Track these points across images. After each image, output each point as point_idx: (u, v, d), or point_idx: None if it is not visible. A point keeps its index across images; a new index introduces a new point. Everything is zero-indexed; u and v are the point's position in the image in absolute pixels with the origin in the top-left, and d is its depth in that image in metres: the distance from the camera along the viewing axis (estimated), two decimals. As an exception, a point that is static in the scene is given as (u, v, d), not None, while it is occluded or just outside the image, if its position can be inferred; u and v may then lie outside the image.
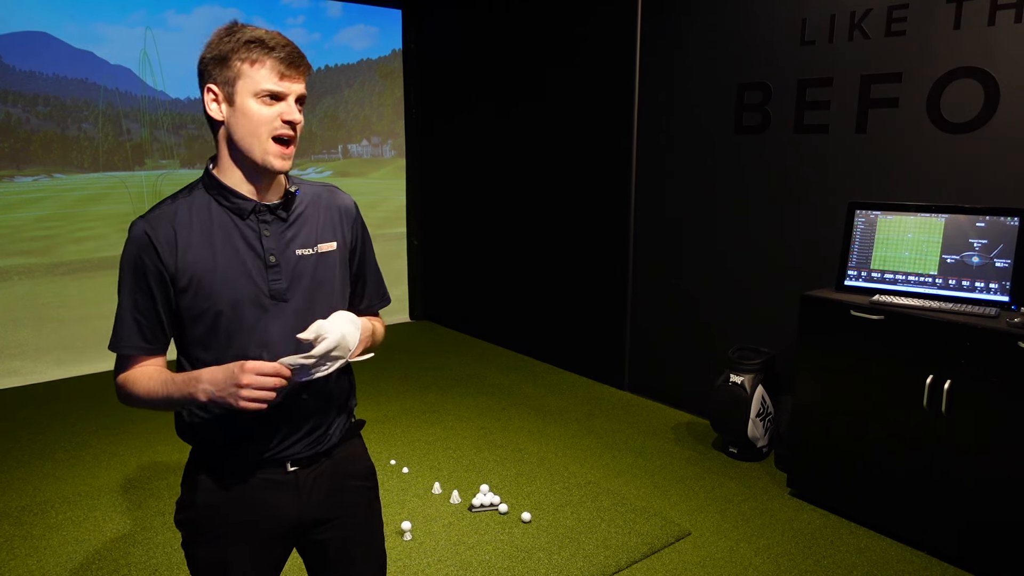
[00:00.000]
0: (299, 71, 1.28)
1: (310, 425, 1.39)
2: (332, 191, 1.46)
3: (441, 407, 4.25)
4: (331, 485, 1.44)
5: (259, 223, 1.32)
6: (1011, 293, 2.67)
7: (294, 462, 1.38)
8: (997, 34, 2.78)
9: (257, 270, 1.31)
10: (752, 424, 3.42)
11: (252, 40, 1.25)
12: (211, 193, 1.31)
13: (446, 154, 5.92)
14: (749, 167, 3.68)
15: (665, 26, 3.99)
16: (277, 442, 1.36)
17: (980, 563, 2.58)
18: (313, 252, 1.37)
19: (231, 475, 1.36)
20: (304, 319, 1.33)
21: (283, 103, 1.27)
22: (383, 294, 1.58)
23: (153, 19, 4.82)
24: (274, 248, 1.32)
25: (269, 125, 1.26)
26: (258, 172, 1.31)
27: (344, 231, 1.44)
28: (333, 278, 1.41)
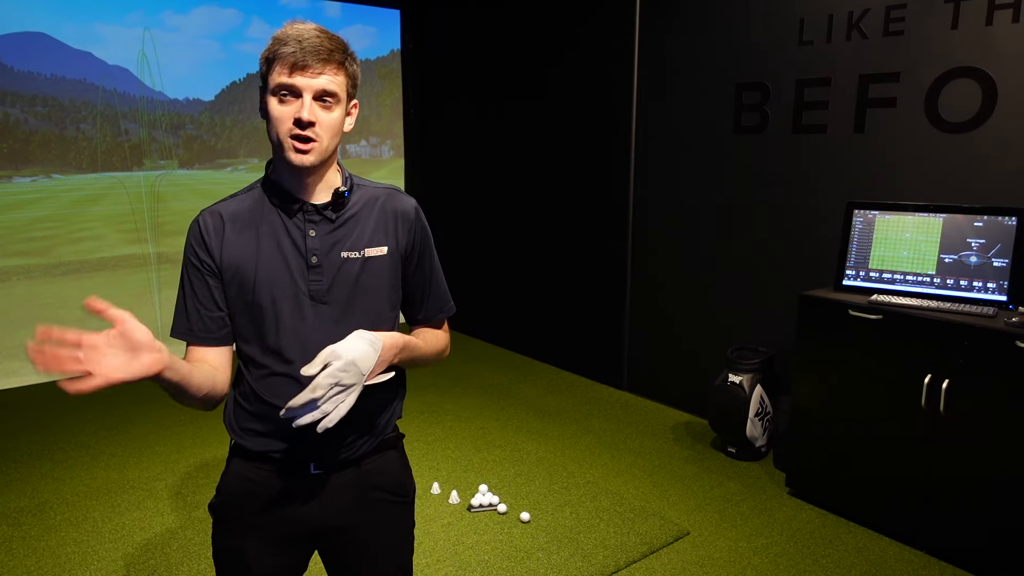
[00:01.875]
0: (316, 65, 1.22)
1: (351, 431, 1.35)
2: (392, 194, 1.40)
3: (440, 407, 4.25)
4: (357, 494, 1.40)
5: (306, 222, 1.30)
6: (1009, 293, 2.68)
7: (318, 465, 1.36)
8: (995, 34, 2.78)
9: (299, 269, 1.29)
10: (751, 424, 3.42)
11: (277, 37, 1.25)
12: (264, 190, 1.33)
13: (445, 154, 5.92)
14: (748, 167, 3.68)
15: (663, 26, 4.00)
16: (303, 444, 1.34)
17: (979, 562, 2.59)
18: (360, 256, 1.33)
19: (258, 470, 1.36)
20: (344, 322, 1.31)
21: (299, 101, 1.23)
22: (444, 304, 1.50)
23: (151, 19, 4.82)
24: (317, 249, 1.30)
25: (285, 124, 1.23)
26: (293, 169, 1.28)
27: (399, 236, 1.38)
28: (380, 284, 1.36)
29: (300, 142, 1.23)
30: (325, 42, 1.24)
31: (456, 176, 5.82)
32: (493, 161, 5.38)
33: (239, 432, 1.37)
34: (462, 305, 6.23)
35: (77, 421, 4.00)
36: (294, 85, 1.22)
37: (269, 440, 1.34)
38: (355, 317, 1.32)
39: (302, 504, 1.37)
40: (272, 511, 1.36)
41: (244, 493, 1.37)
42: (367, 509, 1.42)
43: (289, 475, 1.36)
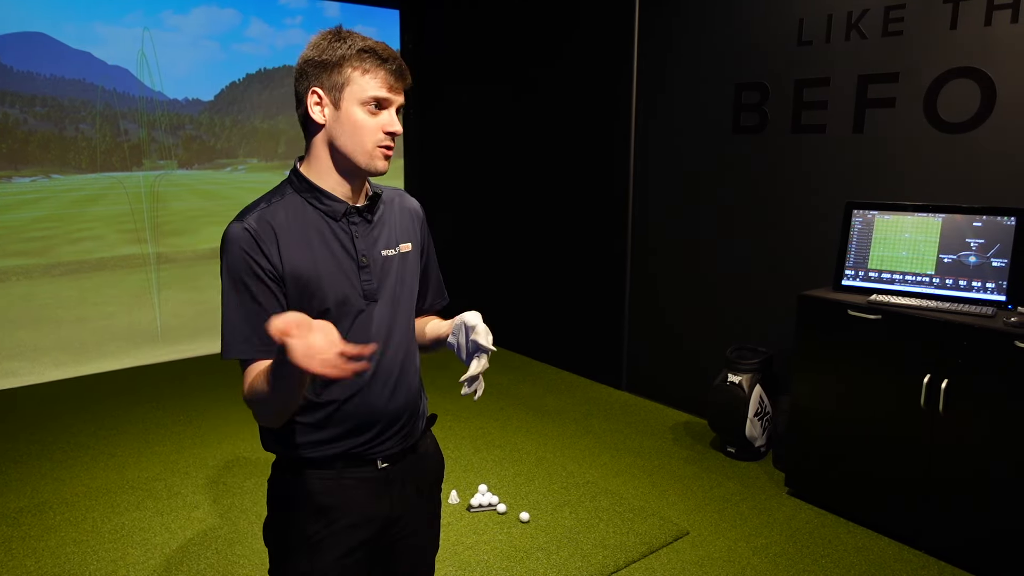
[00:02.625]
0: (405, 83, 1.32)
1: (402, 421, 1.41)
2: (402, 194, 1.51)
3: (439, 407, 4.25)
4: (416, 481, 1.47)
5: (350, 225, 1.35)
6: (1008, 292, 2.68)
7: (384, 459, 1.39)
8: (993, 34, 2.79)
9: (351, 270, 1.34)
10: (750, 424, 3.43)
11: (366, 50, 1.28)
12: (304, 195, 1.33)
13: (444, 154, 5.92)
14: (747, 167, 3.68)
15: (662, 26, 4.00)
16: (370, 439, 1.37)
17: (978, 562, 2.59)
18: (396, 252, 1.41)
19: (323, 480, 1.35)
20: (391, 318, 1.39)
21: (386, 112, 1.30)
22: (442, 294, 1.65)
23: (151, 19, 4.82)
24: (364, 249, 1.36)
25: (374, 135, 1.29)
26: (358, 175, 1.34)
27: (417, 232, 1.50)
28: (414, 278, 1.47)
29: (387, 150, 1.31)
30: (403, 61, 1.34)
31: (455, 176, 5.83)
32: (492, 161, 5.38)
33: (299, 447, 1.35)
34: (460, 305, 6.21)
35: (76, 421, 4.00)
36: (389, 99, 1.30)
37: (336, 444, 1.35)
38: (401, 311, 1.41)
39: (373, 501, 1.39)
40: (347, 519, 1.36)
41: (313, 512, 1.35)
42: (423, 494, 1.49)
43: (359, 476, 1.37)
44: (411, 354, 1.46)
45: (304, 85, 1.31)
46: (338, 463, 1.36)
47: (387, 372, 1.38)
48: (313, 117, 1.30)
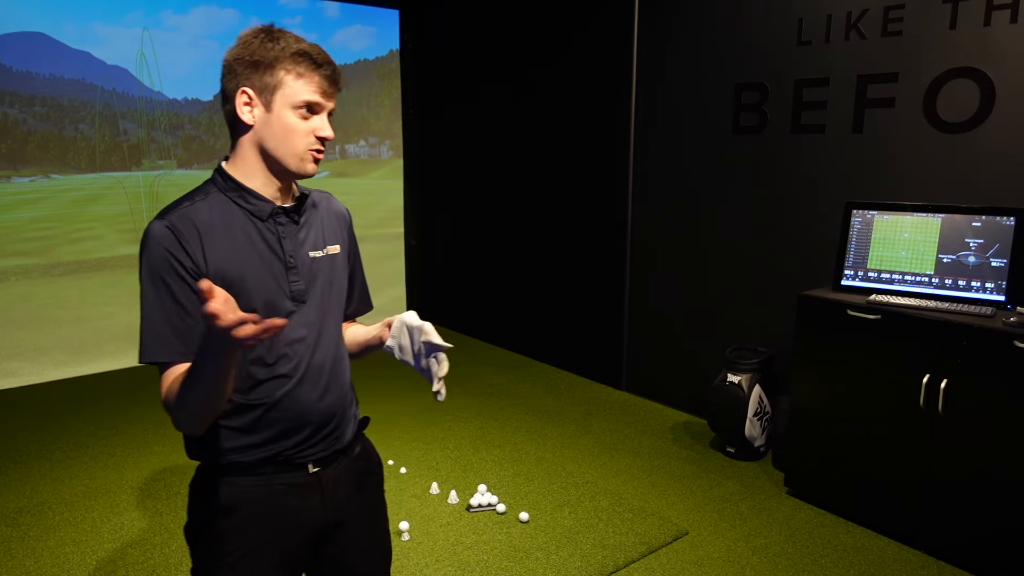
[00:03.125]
0: (338, 89, 1.32)
1: (332, 424, 1.40)
2: (329, 197, 1.49)
3: (439, 407, 4.25)
4: (350, 482, 1.45)
5: (276, 225, 1.33)
6: (1007, 293, 2.68)
7: (315, 463, 1.37)
8: (993, 34, 2.79)
9: (279, 272, 1.32)
10: (749, 424, 3.43)
11: (301, 53, 1.26)
12: (229, 195, 1.30)
13: (444, 154, 5.92)
14: (747, 167, 3.68)
15: (662, 26, 4.00)
16: (298, 444, 1.35)
17: (977, 562, 2.59)
18: (324, 254, 1.40)
19: (252, 486, 1.32)
20: (320, 319, 1.37)
21: (318, 117, 1.29)
22: (368, 300, 1.62)
23: (150, 19, 4.82)
24: (291, 250, 1.34)
25: (306, 138, 1.28)
26: (286, 177, 1.33)
27: (344, 236, 1.48)
28: (342, 279, 1.45)
29: (318, 154, 1.31)
30: (336, 66, 1.32)
31: (455, 176, 5.83)
32: (492, 161, 5.38)
33: (227, 452, 1.31)
34: (460, 306, 6.21)
35: (76, 421, 4.00)
36: (322, 105, 1.29)
37: (265, 448, 1.32)
38: (330, 313, 1.40)
39: (305, 506, 1.36)
40: (277, 524, 1.34)
41: (242, 518, 1.32)
42: (362, 495, 1.48)
43: (289, 480, 1.35)
44: (340, 356, 1.44)
45: (233, 84, 1.28)
46: (267, 467, 1.32)
47: (317, 374, 1.36)
48: (242, 117, 1.27)
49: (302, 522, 1.37)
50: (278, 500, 1.33)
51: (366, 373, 4.84)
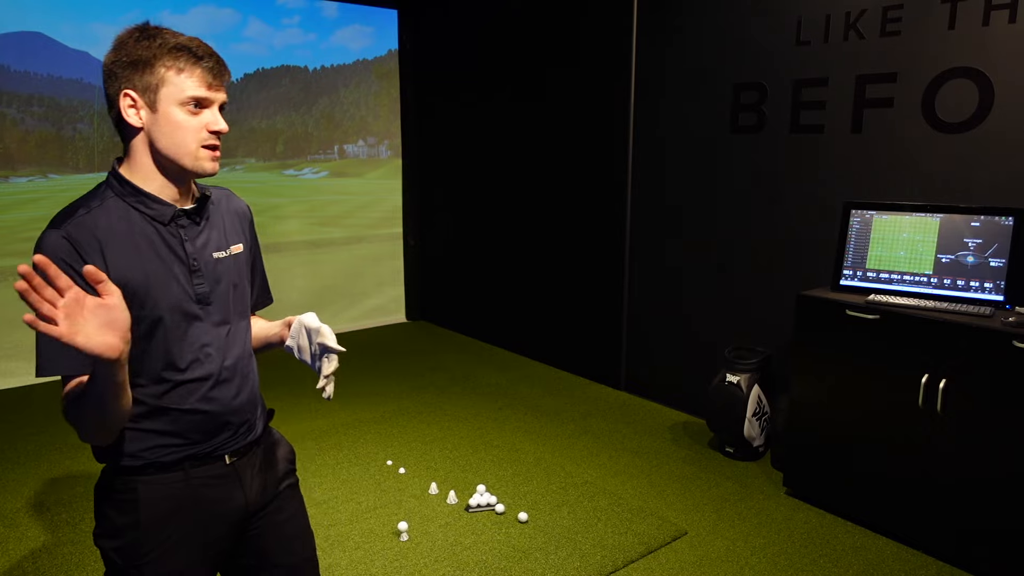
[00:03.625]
0: (224, 80, 1.28)
1: (246, 418, 1.42)
2: (230, 195, 1.48)
3: (438, 407, 4.25)
4: (265, 471, 1.47)
5: (178, 228, 1.31)
6: (1005, 292, 2.68)
7: (231, 454, 1.39)
8: (991, 34, 2.79)
9: (183, 275, 1.30)
10: (748, 423, 3.43)
11: (179, 47, 1.24)
12: (127, 200, 1.27)
13: (442, 154, 5.92)
14: (745, 167, 3.68)
15: (661, 26, 4.00)
16: (216, 439, 1.37)
17: (976, 562, 2.59)
18: (227, 254, 1.39)
19: (170, 482, 1.32)
20: (227, 320, 1.38)
21: (208, 111, 1.26)
22: (268, 294, 1.61)
23: (149, 18, 4.80)
24: (195, 252, 1.32)
25: (197, 134, 1.25)
26: (184, 177, 1.30)
27: (246, 233, 1.48)
28: (246, 279, 1.45)
29: (213, 150, 1.28)
30: (220, 57, 1.30)
31: (454, 177, 5.82)
32: (491, 161, 5.38)
33: (141, 454, 1.30)
34: (459, 306, 6.19)
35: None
36: (210, 98, 1.26)
37: (183, 448, 1.33)
38: (235, 314, 1.40)
39: (226, 496, 1.38)
40: (198, 516, 1.35)
41: (163, 513, 1.32)
42: (278, 484, 1.50)
43: (207, 473, 1.36)
44: (249, 354, 1.46)
45: (115, 87, 1.24)
46: (185, 464, 1.33)
47: (230, 374, 1.37)
48: (128, 120, 1.24)
49: (222, 513, 1.38)
50: (197, 493, 1.34)
51: (365, 373, 4.84)
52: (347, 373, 4.87)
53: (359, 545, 2.77)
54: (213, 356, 1.34)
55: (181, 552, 1.33)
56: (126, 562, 1.31)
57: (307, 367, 1.54)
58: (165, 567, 1.32)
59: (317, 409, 4.19)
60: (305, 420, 4.02)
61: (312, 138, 5.83)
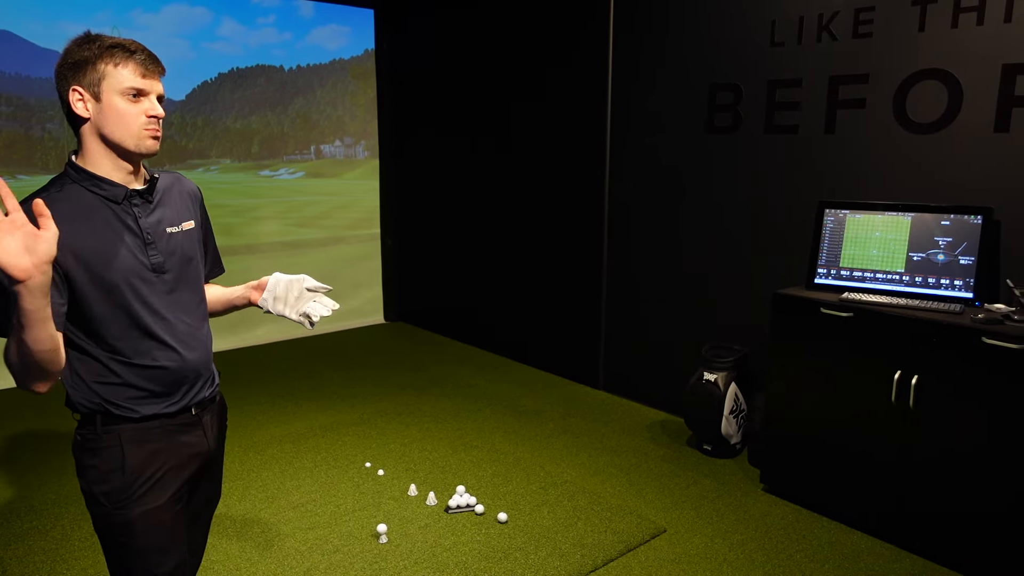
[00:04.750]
0: (157, 71, 1.46)
1: (203, 374, 1.63)
2: (180, 178, 1.67)
3: (417, 409, 4.23)
4: (219, 424, 1.73)
5: (131, 207, 1.49)
6: (975, 290, 2.73)
7: (196, 406, 1.61)
8: (960, 36, 2.84)
9: (138, 248, 1.49)
10: (726, 421, 3.45)
11: (114, 45, 1.42)
12: (83, 184, 1.45)
13: (420, 155, 5.89)
14: (721, 167, 3.71)
15: (637, 27, 4.02)
16: (183, 392, 1.58)
17: (950, 554, 2.64)
18: (179, 230, 1.58)
19: (149, 430, 1.53)
20: (179, 289, 1.57)
21: (146, 100, 1.44)
22: (220, 264, 1.84)
23: (120, 18, 4.74)
24: (148, 227, 1.51)
25: (138, 119, 1.43)
26: (130, 159, 1.47)
27: (196, 212, 1.67)
28: (197, 253, 1.65)
29: (154, 132, 1.46)
30: (152, 52, 1.47)
31: (431, 176, 5.81)
32: (469, 162, 5.37)
33: (122, 406, 1.50)
34: (438, 306, 6.15)
35: (44, 427, 3.92)
36: (145, 88, 1.44)
37: (159, 400, 1.54)
38: (186, 283, 1.59)
39: (195, 442, 1.61)
40: (174, 459, 1.56)
41: (145, 457, 1.52)
42: (223, 434, 1.77)
43: (179, 421, 1.58)
44: (203, 317, 1.67)
45: (64, 86, 1.42)
46: (161, 416, 1.55)
47: (188, 335, 1.58)
48: (78, 112, 1.42)
49: (194, 455, 1.61)
50: (172, 437, 1.56)
51: (342, 375, 4.81)
52: (324, 374, 4.83)
53: (338, 548, 2.75)
54: (170, 320, 1.54)
55: (161, 489, 1.54)
56: (113, 504, 1.50)
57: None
58: (148, 503, 1.52)
59: (295, 412, 4.15)
60: (283, 423, 3.98)
61: (288, 138, 5.78)
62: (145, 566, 1.53)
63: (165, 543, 1.55)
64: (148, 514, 1.52)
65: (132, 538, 1.51)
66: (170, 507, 1.55)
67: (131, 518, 1.50)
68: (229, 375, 4.74)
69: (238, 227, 5.53)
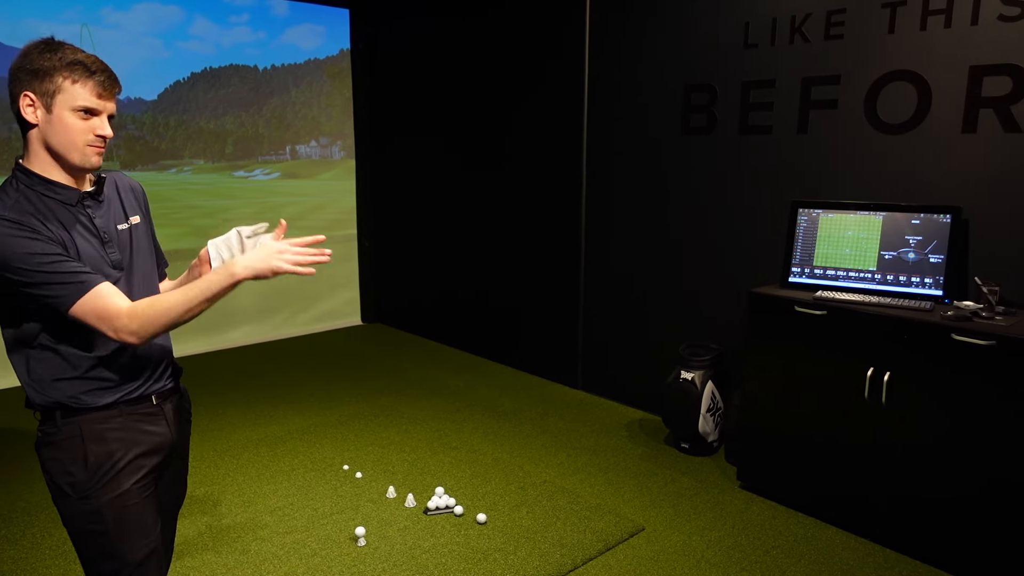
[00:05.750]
0: (113, 92, 1.49)
1: (164, 363, 1.66)
2: (121, 175, 1.72)
3: (395, 410, 4.21)
4: (182, 415, 1.74)
5: (85, 208, 1.53)
6: (944, 287, 2.78)
7: (157, 396, 1.63)
8: (928, 39, 2.89)
9: (98, 246, 1.53)
10: (703, 419, 3.48)
11: (76, 62, 1.43)
12: (36, 189, 1.46)
13: (396, 155, 5.87)
14: (697, 167, 3.74)
15: (614, 29, 4.04)
16: (143, 382, 1.60)
17: (922, 548, 2.68)
18: (129, 225, 1.63)
19: (110, 419, 1.54)
20: (138, 282, 1.61)
21: (97, 119, 1.47)
22: (164, 259, 1.85)
23: (89, 16, 4.66)
24: (104, 226, 1.56)
25: (85, 136, 1.45)
26: (75, 169, 1.50)
27: (141, 206, 1.72)
28: (147, 246, 1.70)
29: (98, 148, 1.49)
30: (113, 73, 1.50)
31: (408, 177, 5.78)
32: (446, 162, 5.36)
33: (81, 399, 1.52)
34: (416, 307, 6.13)
35: (12, 432, 3.84)
36: (98, 108, 1.47)
37: (116, 389, 1.55)
38: (139, 277, 1.63)
39: (157, 431, 1.62)
40: (136, 449, 1.57)
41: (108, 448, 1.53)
42: (186, 426, 1.78)
43: (140, 411, 1.59)
44: None
45: (17, 89, 1.45)
46: (120, 404, 1.56)
47: None
48: (26, 117, 1.44)
49: (159, 444, 1.63)
50: (133, 425, 1.58)
51: (320, 376, 4.77)
52: (301, 376, 4.79)
53: (316, 552, 2.73)
54: None
55: (126, 476, 1.55)
56: (79, 494, 1.52)
57: None
58: (114, 490, 1.53)
59: (271, 415, 4.11)
60: (259, 426, 3.94)
61: (263, 139, 5.72)
62: (118, 553, 1.54)
63: (135, 529, 1.56)
64: (115, 500, 1.53)
65: (102, 524, 1.52)
66: (137, 493, 1.56)
67: (98, 506, 1.52)
68: (204, 378, 4.69)
69: (211, 229, 5.45)
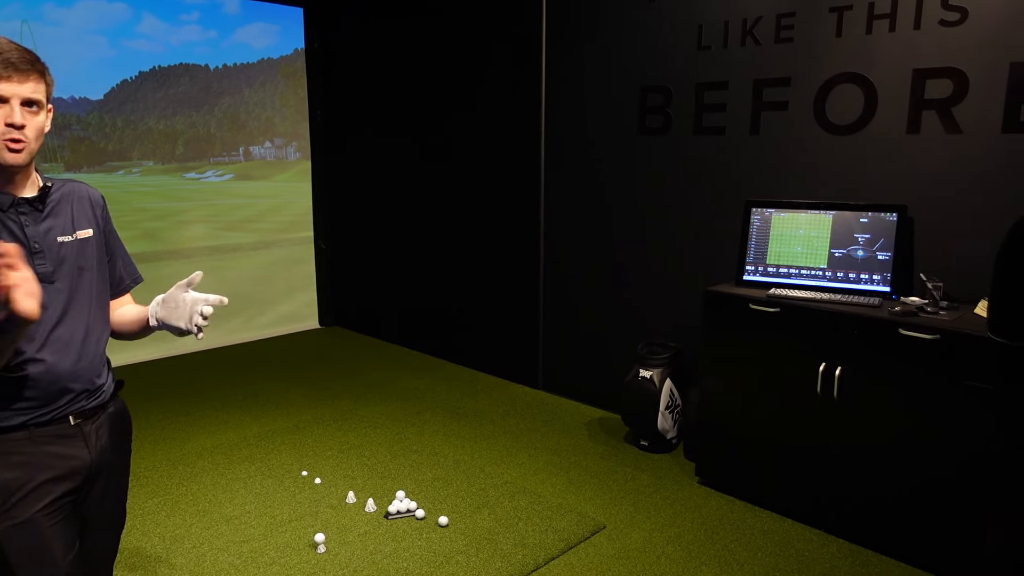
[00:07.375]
0: (20, 75, 1.36)
1: (84, 383, 1.54)
2: (80, 185, 1.63)
3: (354, 414, 4.16)
4: (110, 434, 1.62)
5: (18, 215, 1.44)
6: (892, 284, 2.87)
7: (76, 415, 1.52)
8: (873, 42, 2.98)
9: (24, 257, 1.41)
10: (662, 417, 3.52)
11: None
12: None
13: (353, 156, 5.80)
14: (653, 168, 3.79)
15: (569, 31, 4.06)
16: (56, 407, 1.49)
17: (872, 537, 2.76)
18: (73, 239, 1.53)
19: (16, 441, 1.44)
20: (71, 299, 1.51)
21: (7, 106, 1.36)
22: (135, 273, 1.78)
23: (30, 12, 4.49)
24: (36, 236, 1.46)
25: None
26: (2, 170, 1.40)
27: (97, 219, 1.62)
28: (94, 262, 1.59)
29: (13, 142, 1.38)
30: (25, 53, 1.39)
31: (364, 178, 5.72)
32: (402, 163, 5.32)
33: None
34: (374, 310, 6.06)
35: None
36: (4, 94, 1.35)
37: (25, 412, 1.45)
38: (80, 294, 1.53)
39: (71, 451, 1.52)
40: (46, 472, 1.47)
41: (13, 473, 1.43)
42: (118, 450, 1.66)
43: (51, 432, 1.48)
44: (94, 328, 1.57)
45: None
46: (29, 425, 1.46)
47: (63, 345, 1.49)
48: None
49: (75, 468, 1.52)
50: (41, 449, 1.47)
51: (278, 382, 4.69)
52: (257, 381, 4.70)
53: (274, 560, 2.68)
54: (44, 328, 1.45)
55: (31, 502, 1.45)
56: None
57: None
58: (15, 517, 1.43)
59: (227, 422, 4.03)
60: (214, 433, 3.85)
61: (215, 139, 5.60)
62: None
63: (37, 558, 1.46)
64: (13, 529, 1.43)
65: (2, 554, 1.43)
66: (41, 521, 1.46)
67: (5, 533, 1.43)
68: (156, 385, 4.57)
69: (162, 232, 5.32)
